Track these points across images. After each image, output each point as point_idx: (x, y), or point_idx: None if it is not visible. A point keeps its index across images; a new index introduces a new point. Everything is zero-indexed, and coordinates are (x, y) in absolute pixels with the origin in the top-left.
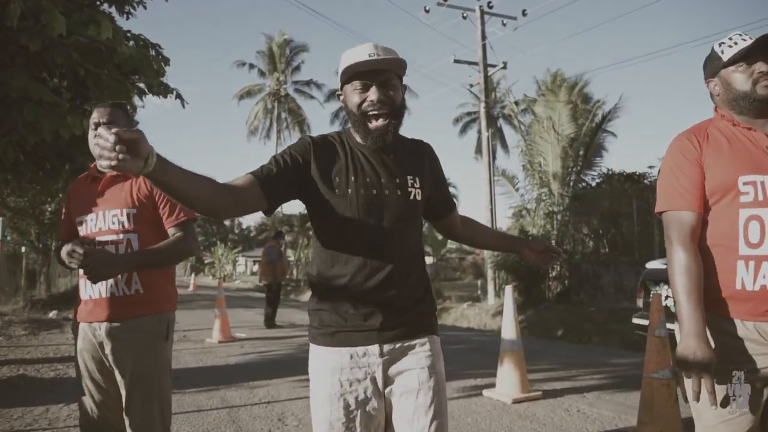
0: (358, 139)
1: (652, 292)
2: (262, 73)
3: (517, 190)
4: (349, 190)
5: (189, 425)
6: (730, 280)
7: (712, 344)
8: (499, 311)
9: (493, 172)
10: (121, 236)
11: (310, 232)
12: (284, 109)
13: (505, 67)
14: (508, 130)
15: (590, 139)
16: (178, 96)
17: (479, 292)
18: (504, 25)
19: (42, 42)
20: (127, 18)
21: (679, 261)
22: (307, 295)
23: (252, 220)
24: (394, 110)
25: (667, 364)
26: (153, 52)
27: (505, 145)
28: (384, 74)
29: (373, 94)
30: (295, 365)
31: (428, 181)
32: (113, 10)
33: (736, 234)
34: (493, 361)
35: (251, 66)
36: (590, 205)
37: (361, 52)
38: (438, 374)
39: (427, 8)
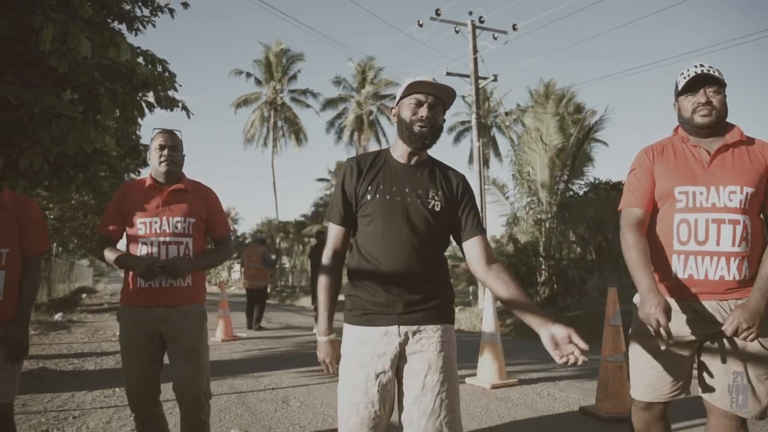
0: (396, 155)
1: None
2: (258, 82)
3: (507, 198)
4: (378, 195)
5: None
6: (666, 269)
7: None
8: None
9: (483, 181)
10: (180, 239)
11: (306, 239)
12: (281, 118)
13: (495, 80)
14: (501, 139)
15: (577, 150)
16: (184, 108)
17: (471, 297)
18: (495, 38)
19: (69, 64)
20: (136, 34)
21: (627, 241)
22: (301, 301)
23: (248, 228)
24: (434, 129)
25: (620, 350)
26: (160, 68)
27: (498, 154)
28: (433, 100)
29: (423, 111)
30: (296, 359)
31: (451, 200)
32: (123, 27)
33: (671, 233)
34: (477, 356)
35: (248, 75)
36: (577, 213)
37: (423, 77)
38: (448, 357)
39: (420, 22)
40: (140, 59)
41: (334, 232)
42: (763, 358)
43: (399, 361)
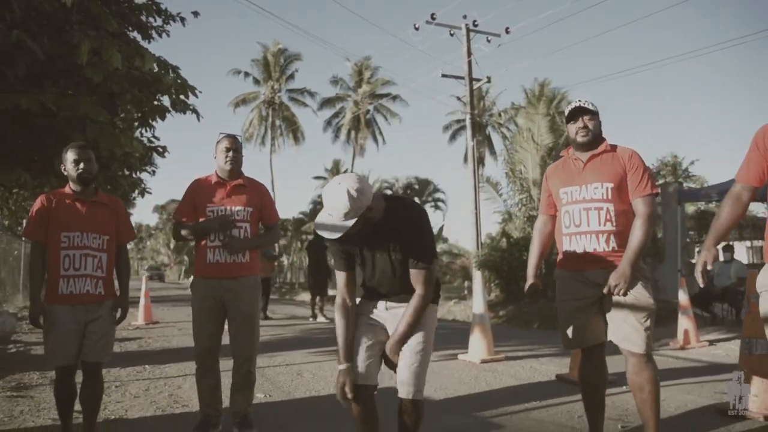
0: None
1: None
2: (256, 81)
3: (500, 195)
4: (358, 260)
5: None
6: (562, 249)
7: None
8: None
9: (478, 179)
10: (240, 224)
11: (304, 236)
12: (279, 117)
13: (489, 81)
14: (496, 137)
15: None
16: (194, 111)
17: (466, 292)
18: (489, 41)
19: (102, 74)
20: (149, 42)
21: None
22: (301, 296)
23: None
24: (358, 231)
25: None
26: (171, 72)
27: (493, 152)
28: None
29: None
30: (304, 342)
31: (407, 243)
32: (139, 36)
33: (561, 222)
34: (468, 339)
35: (246, 74)
36: None
37: (326, 209)
38: (422, 320)
39: (416, 26)
40: (154, 65)
41: (344, 279)
42: (638, 306)
43: (385, 322)
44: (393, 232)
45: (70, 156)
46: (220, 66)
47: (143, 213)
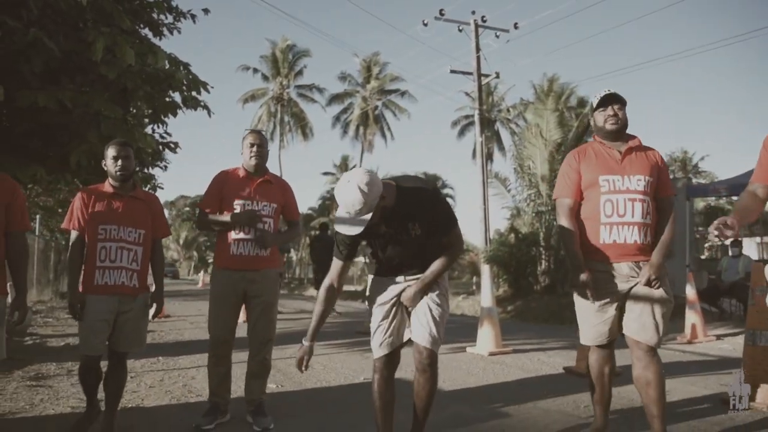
0: None
1: None
2: (265, 78)
3: (509, 191)
4: (377, 242)
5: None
6: (596, 239)
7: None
8: None
9: (486, 175)
10: (265, 219)
11: (312, 232)
12: (287, 113)
13: (498, 77)
14: (504, 133)
15: (576, 144)
16: (205, 107)
17: (474, 287)
18: (497, 37)
19: (116, 71)
20: (160, 39)
21: (564, 225)
22: (309, 291)
23: None
24: (374, 223)
25: None
26: (183, 69)
27: (501, 148)
28: None
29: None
30: None
31: (425, 221)
32: (150, 33)
33: (599, 210)
34: (477, 332)
35: (255, 70)
36: None
37: (342, 208)
38: (438, 287)
39: (425, 22)
40: (166, 62)
41: (338, 266)
42: (664, 301)
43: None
44: (410, 212)
45: (110, 152)
46: (229, 62)
47: None
